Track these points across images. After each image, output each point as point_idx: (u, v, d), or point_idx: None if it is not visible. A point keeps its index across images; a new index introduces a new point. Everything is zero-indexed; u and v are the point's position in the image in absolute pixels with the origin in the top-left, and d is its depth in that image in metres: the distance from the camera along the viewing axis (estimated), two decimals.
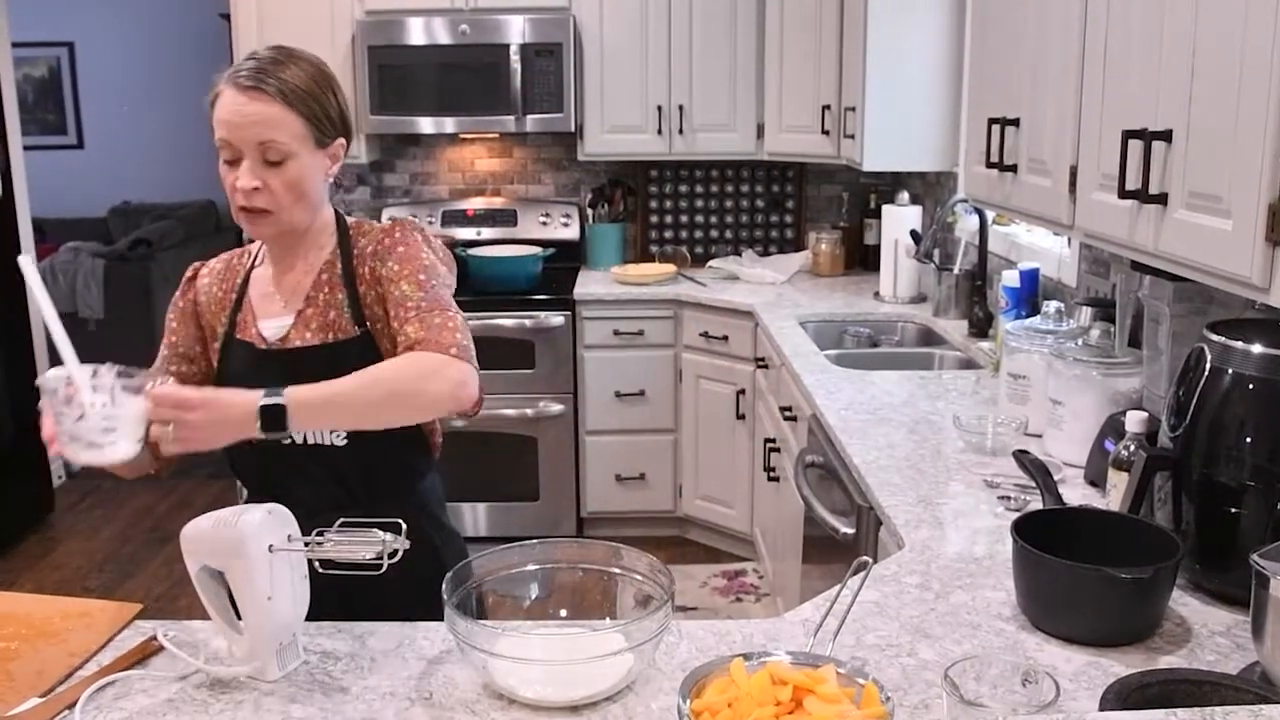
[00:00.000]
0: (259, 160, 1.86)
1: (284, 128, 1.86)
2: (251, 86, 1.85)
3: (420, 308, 1.88)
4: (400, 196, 5.56)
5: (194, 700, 1.56)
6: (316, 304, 1.97)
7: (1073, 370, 2.44)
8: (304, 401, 1.69)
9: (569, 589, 1.77)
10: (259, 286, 2.03)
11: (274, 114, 1.85)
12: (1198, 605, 1.79)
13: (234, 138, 1.85)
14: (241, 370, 1.95)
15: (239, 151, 1.86)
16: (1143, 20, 1.98)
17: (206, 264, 2.11)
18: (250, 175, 1.86)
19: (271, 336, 1.97)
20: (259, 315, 2.00)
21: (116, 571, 4.85)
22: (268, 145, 1.85)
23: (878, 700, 1.37)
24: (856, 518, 2.50)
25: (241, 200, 1.87)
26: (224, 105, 1.86)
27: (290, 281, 2.00)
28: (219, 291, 2.05)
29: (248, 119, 1.84)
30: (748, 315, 4.52)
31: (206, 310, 2.05)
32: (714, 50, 5.00)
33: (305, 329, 1.96)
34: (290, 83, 1.88)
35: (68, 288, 7.81)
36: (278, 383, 1.79)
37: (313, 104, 1.90)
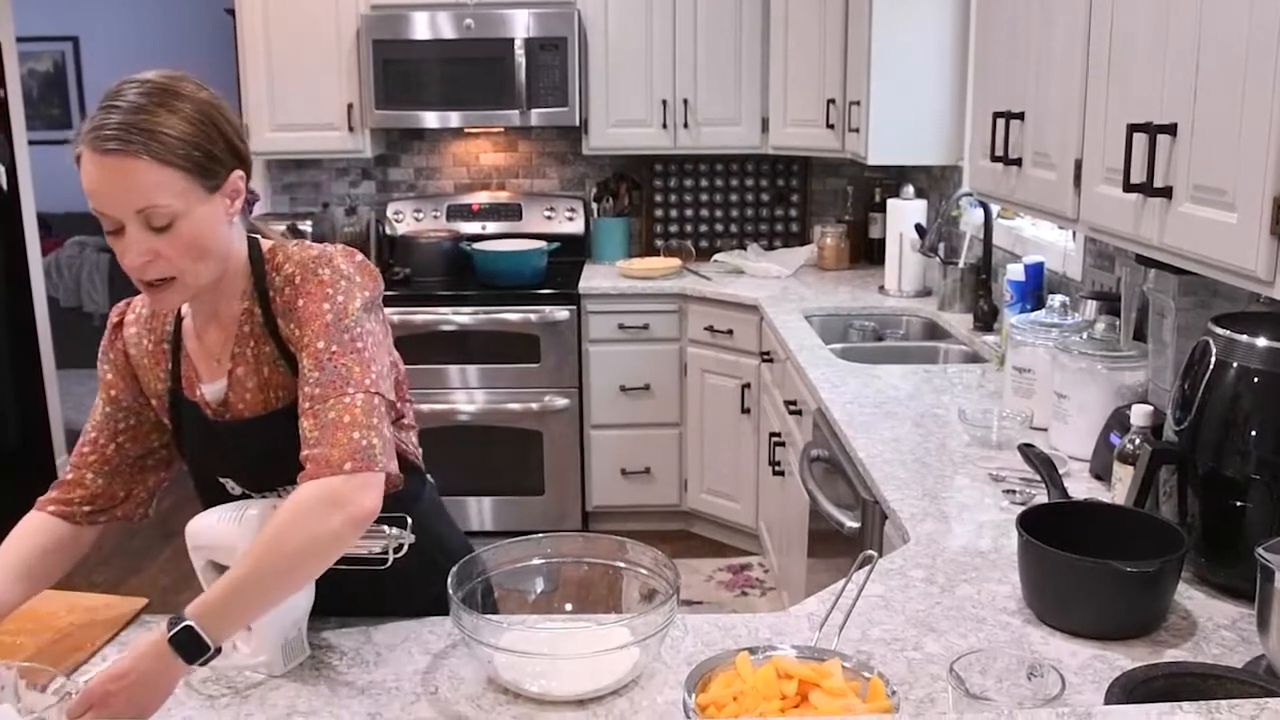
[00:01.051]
0: (143, 228, 1.56)
1: (162, 189, 1.55)
2: (116, 149, 1.53)
3: (314, 397, 1.59)
4: (405, 191, 5.56)
5: (200, 694, 1.56)
6: (245, 361, 1.72)
7: (1078, 364, 2.44)
8: (210, 611, 1.48)
9: (574, 583, 1.77)
10: (192, 342, 1.78)
11: (150, 178, 1.54)
12: (1203, 598, 1.79)
13: (106, 208, 1.55)
14: (197, 438, 1.78)
15: (118, 221, 1.56)
16: (1148, 14, 1.97)
17: (132, 307, 1.84)
18: (137, 249, 1.57)
19: (214, 400, 1.75)
20: (200, 376, 1.76)
21: (122, 566, 4.86)
22: (149, 211, 1.55)
23: (883, 694, 1.37)
24: (861, 511, 2.50)
25: (136, 275, 1.60)
26: (87, 172, 1.55)
27: (214, 339, 1.75)
28: (148, 344, 1.80)
29: (121, 188, 1.54)
30: (753, 309, 4.52)
31: (139, 365, 1.81)
32: (719, 44, 5.00)
33: (244, 391, 1.72)
34: (161, 134, 1.55)
35: (73, 282, 7.83)
36: (238, 453, 1.72)
37: (193, 152, 1.58)
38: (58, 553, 1.77)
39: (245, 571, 1.50)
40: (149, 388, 1.80)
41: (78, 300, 7.82)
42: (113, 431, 1.82)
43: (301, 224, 5.19)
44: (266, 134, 5.09)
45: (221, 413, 1.74)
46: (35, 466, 5.31)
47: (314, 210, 5.48)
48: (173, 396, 1.78)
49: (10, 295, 5.19)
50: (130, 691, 1.43)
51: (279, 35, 4.99)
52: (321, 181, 5.56)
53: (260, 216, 5.33)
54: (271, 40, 4.99)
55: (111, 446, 1.82)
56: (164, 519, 5.61)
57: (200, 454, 1.80)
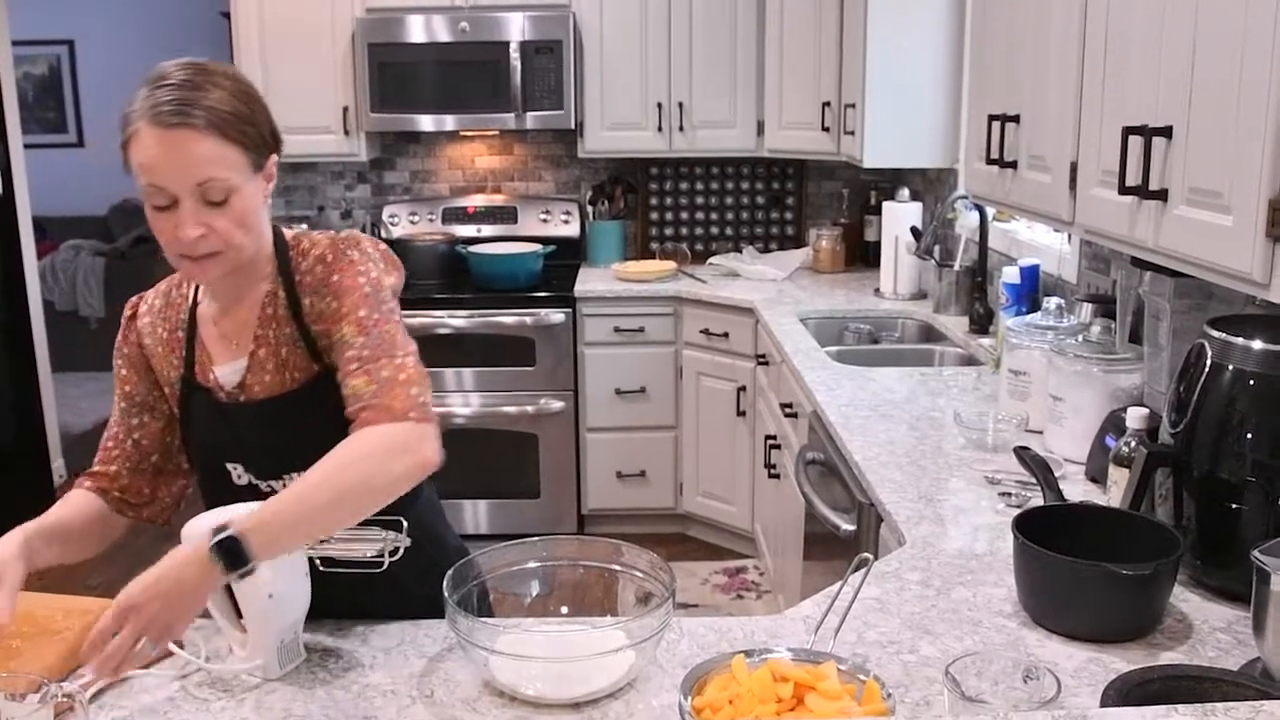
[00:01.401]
0: (199, 202, 1.61)
1: (222, 162, 1.61)
2: (178, 123, 1.57)
3: (363, 358, 1.64)
4: (401, 194, 5.56)
5: (195, 698, 1.56)
6: (267, 342, 1.75)
7: (1073, 366, 2.44)
8: (258, 527, 1.48)
9: (570, 586, 1.77)
10: (207, 326, 1.80)
11: (213, 151, 1.60)
12: (1199, 601, 1.79)
13: (166, 182, 1.59)
14: (208, 423, 1.79)
15: (173, 196, 1.60)
16: (1143, 16, 1.98)
17: (145, 299, 1.87)
18: (193, 222, 1.61)
19: (228, 383, 1.77)
20: (214, 359, 1.79)
21: (118, 569, 4.81)
22: (207, 185, 1.60)
23: (879, 697, 1.37)
24: (857, 514, 2.50)
25: (186, 249, 1.63)
26: (146, 148, 1.58)
27: (236, 319, 1.78)
28: (163, 332, 1.82)
29: (181, 162, 1.58)
30: (748, 312, 4.52)
31: (153, 354, 1.83)
32: (714, 47, 5.00)
33: (262, 372, 1.75)
34: (219, 109, 1.61)
35: (68, 286, 7.83)
36: (252, 434, 1.75)
37: (247, 128, 1.64)
38: (98, 524, 1.84)
39: (299, 494, 1.52)
40: (163, 376, 1.83)
41: (73, 304, 7.82)
42: (129, 427, 1.85)
43: (296, 227, 5.17)
44: None
45: (236, 395, 1.77)
46: (30, 470, 5.31)
47: (309, 214, 5.48)
48: (184, 384, 1.80)
49: (5, 299, 5.19)
50: (162, 599, 1.46)
51: (274, 38, 4.98)
52: (317, 185, 5.56)
53: None
54: (266, 43, 4.99)
55: (129, 442, 1.85)
56: None
57: (209, 439, 1.81)
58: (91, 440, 6.92)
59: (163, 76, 1.61)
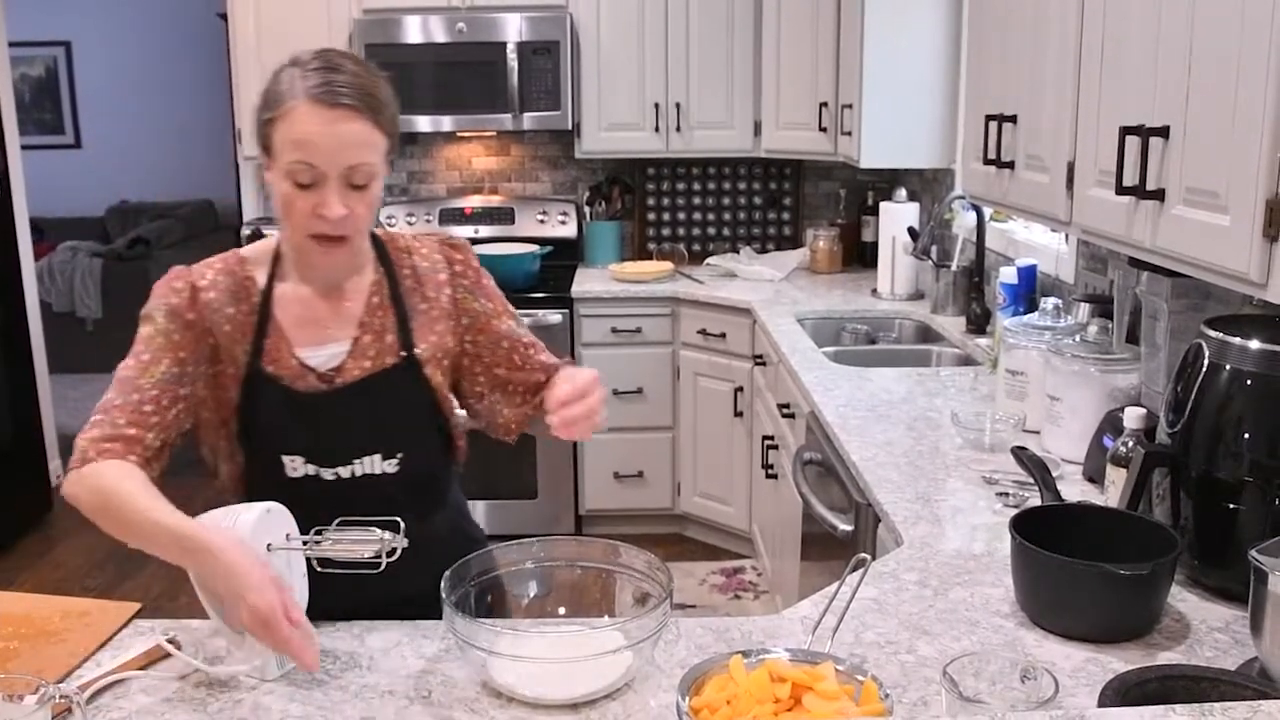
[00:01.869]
0: (344, 184, 1.67)
1: (374, 147, 1.69)
2: (346, 105, 1.65)
3: (535, 345, 1.99)
4: (398, 195, 5.55)
5: (193, 699, 1.56)
6: (372, 329, 1.83)
7: (1071, 366, 2.44)
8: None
9: (568, 587, 1.77)
10: (290, 309, 1.81)
11: (369, 136, 1.68)
12: (1196, 601, 1.79)
13: (319, 161, 1.65)
14: (274, 413, 1.80)
15: (322, 175, 1.66)
16: (1140, 16, 1.98)
17: (202, 274, 1.82)
18: (339, 203, 1.67)
19: (322, 366, 1.80)
20: (296, 343, 1.80)
21: (115, 570, 4.85)
22: (357, 168, 1.67)
23: (876, 697, 1.37)
24: (855, 515, 2.50)
25: (324, 229, 1.69)
26: (304, 125, 1.64)
27: (337, 305, 1.83)
28: (233, 311, 1.79)
29: (338, 140, 1.64)
30: (745, 312, 4.52)
31: (220, 331, 1.79)
32: (711, 47, 5.00)
33: (363, 357, 1.82)
34: (375, 96, 1.70)
35: (65, 287, 7.82)
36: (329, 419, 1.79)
37: (395, 121, 1.75)
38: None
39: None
40: (225, 354, 1.79)
41: (70, 305, 7.81)
42: (174, 396, 1.76)
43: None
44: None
45: (330, 377, 1.81)
46: (27, 471, 5.30)
47: None
48: (250, 369, 1.79)
49: (2, 300, 5.18)
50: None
51: (271, 39, 4.98)
52: None
53: (253, 220, 5.33)
54: (263, 45, 4.98)
55: (172, 412, 1.76)
56: None
57: (272, 429, 1.80)
58: None
59: (325, 58, 1.68)
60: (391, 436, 1.83)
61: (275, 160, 1.69)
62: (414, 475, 1.89)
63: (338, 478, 1.82)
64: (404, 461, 1.86)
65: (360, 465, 1.82)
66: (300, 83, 1.65)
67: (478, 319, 1.92)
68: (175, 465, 1.83)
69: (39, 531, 5.27)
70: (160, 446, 1.75)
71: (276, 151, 1.68)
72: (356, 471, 1.83)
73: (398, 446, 1.85)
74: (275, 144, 1.67)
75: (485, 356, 1.95)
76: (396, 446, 1.85)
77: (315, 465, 1.81)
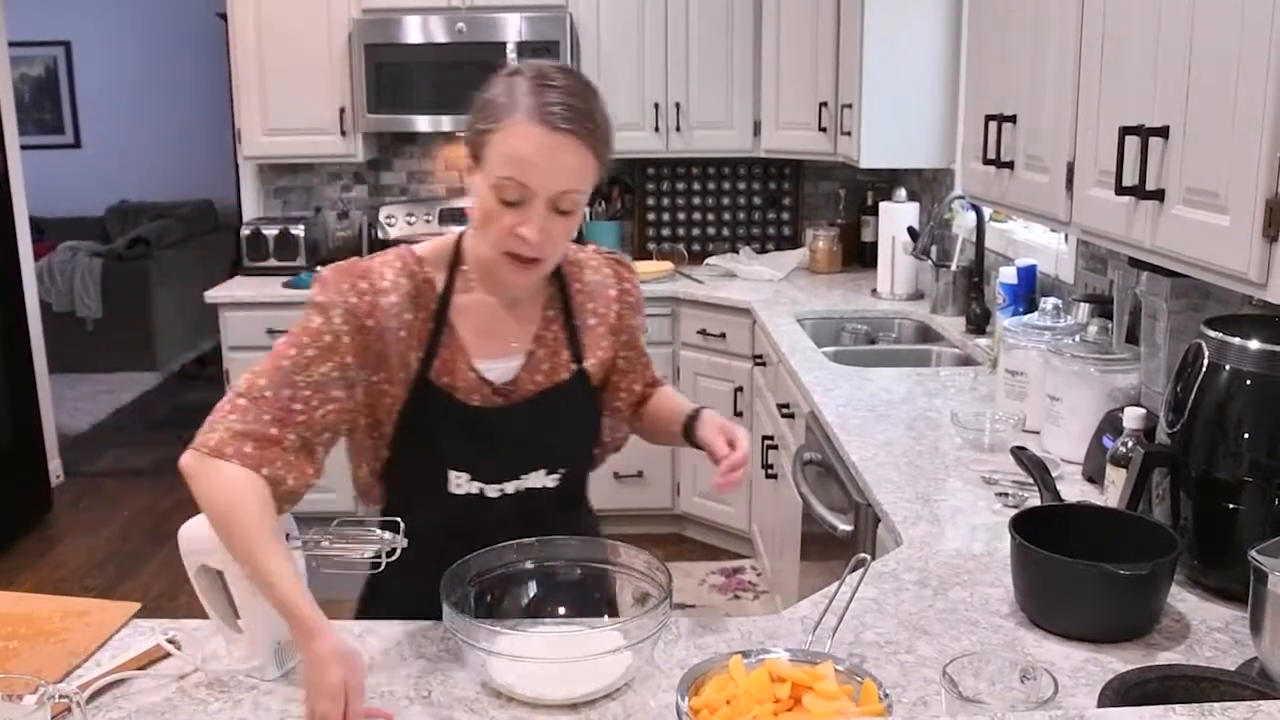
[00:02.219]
0: (550, 208, 1.62)
1: (588, 177, 1.65)
2: (569, 131, 1.60)
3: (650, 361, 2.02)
4: (397, 195, 5.55)
5: (193, 699, 1.56)
6: (546, 343, 1.82)
7: (1070, 366, 2.44)
8: None
9: (567, 587, 1.77)
10: (470, 319, 1.77)
11: (585, 163, 1.63)
12: (1196, 601, 1.79)
13: (533, 181, 1.60)
14: (441, 425, 1.76)
15: (531, 195, 1.61)
16: (1140, 16, 1.98)
17: (382, 275, 1.72)
18: (538, 226, 1.62)
19: (498, 379, 1.77)
20: (474, 354, 1.76)
21: (115, 570, 4.85)
22: (566, 194, 1.62)
23: (876, 697, 1.37)
24: (854, 515, 2.50)
25: (520, 249, 1.64)
26: (527, 144, 1.59)
27: (517, 318, 1.80)
28: (410, 317, 1.72)
29: (557, 167, 1.60)
30: (745, 312, 4.52)
31: (394, 338, 1.71)
32: (711, 47, 5.00)
33: (536, 371, 1.80)
34: (601, 126, 1.65)
35: (65, 287, 7.82)
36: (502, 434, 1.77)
37: (610, 141, 1.68)
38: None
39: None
40: (396, 361, 1.72)
41: (70, 305, 7.81)
42: (325, 398, 1.67)
43: (294, 228, 5.19)
44: (259, 138, 5.09)
45: (507, 391, 1.78)
46: (27, 471, 5.30)
47: (306, 214, 5.47)
48: (419, 379, 1.73)
49: (2, 300, 5.18)
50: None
51: (271, 39, 4.98)
52: (314, 186, 5.55)
53: (253, 220, 5.33)
54: (263, 44, 4.99)
55: (320, 412, 1.66)
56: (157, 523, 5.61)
57: (440, 443, 1.76)
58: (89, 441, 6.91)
59: (547, 77, 1.63)
60: (558, 452, 1.84)
61: (484, 170, 1.63)
62: (568, 488, 1.89)
63: (501, 494, 1.81)
64: (564, 476, 1.86)
65: (523, 481, 1.81)
66: (525, 98, 1.61)
67: (633, 336, 1.94)
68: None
69: (39, 531, 5.27)
70: (301, 446, 1.65)
71: (488, 163, 1.62)
72: (519, 487, 1.81)
73: (561, 462, 1.85)
74: (488, 154, 1.62)
75: (630, 373, 1.97)
76: (560, 462, 1.84)
77: (480, 482, 1.79)
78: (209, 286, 5.04)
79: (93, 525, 5.34)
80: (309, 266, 5.17)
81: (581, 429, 1.89)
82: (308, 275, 4.99)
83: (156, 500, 5.52)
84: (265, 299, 4.86)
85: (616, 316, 1.90)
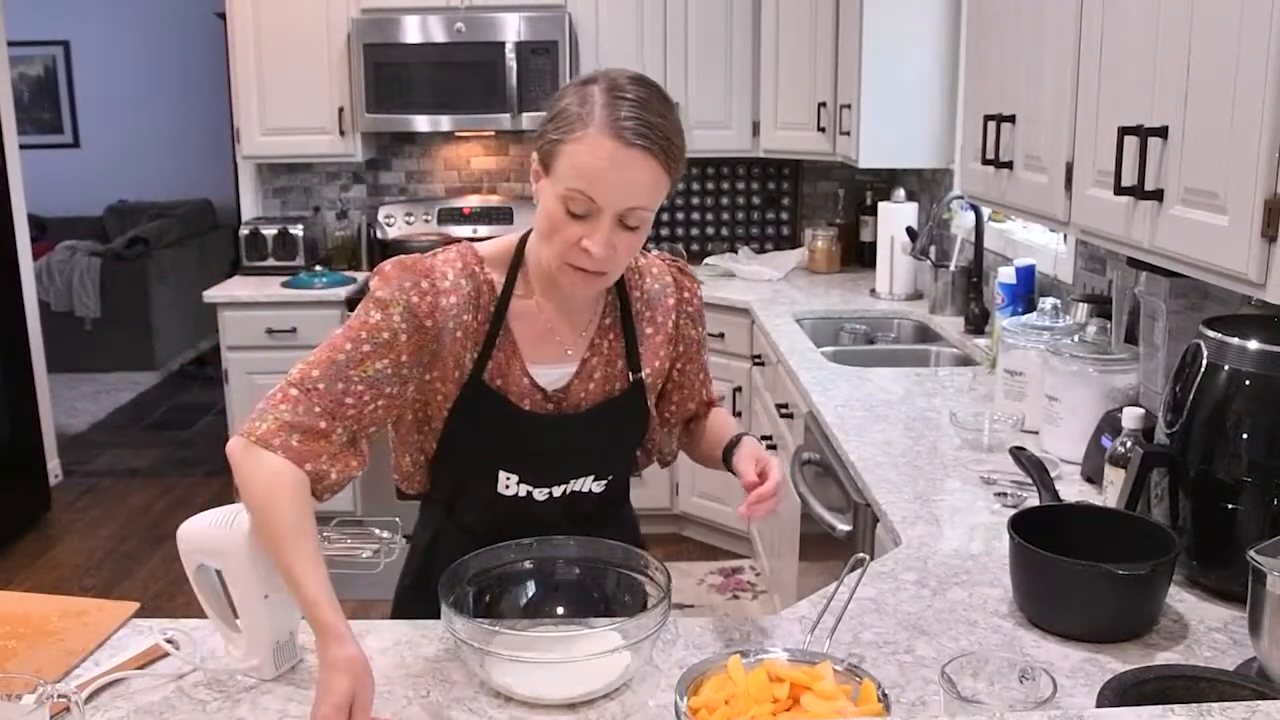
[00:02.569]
0: (616, 223, 1.60)
1: (658, 194, 1.62)
2: (642, 147, 1.56)
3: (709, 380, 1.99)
4: (396, 195, 5.55)
5: (191, 699, 1.56)
6: (601, 352, 1.80)
7: (1069, 366, 2.44)
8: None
9: (566, 587, 1.77)
10: (527, 323, 1.75)
11: (656, 179, 1.59)
12: (1195, 601, 1.79)
13: (600, 196, 1.57)
14: (495, 427, 1.74)
15: (597, 210, 1.58)
16: (1139, 16, 1.98)
17: (444, 274, 1.71)
18: (605, 240, 1.59)
19: (550, 385, 1.76)
20: (529, 359, 1.75)
21: (114, 570, 4.85)
22: (635, 211, 1.60)
23: (874, 697, 1.37)
24: (853, 515, 2.50)
25: (584, 262, 1.61)
26: (598, 157, 1.56)
27: (574, 326, 1.78)
28: (468, 318, 1.71)
29: (627, 183, 1.57)
30: (744, 312, 4.52)
31: (451, 337, 1.70)
32: (709, 47, 5.00)
33: (588, 380, 1.79)
34: (675, 142, 1.60)
35: (64, 287, 7.82)
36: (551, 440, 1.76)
37: (684, 157, 1.65)
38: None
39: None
40: (451, 360, 1.71)
41: (69, 305, 7.81)
42: (377, 393, 1.66)
43: (293, 228, 5.19)
44: (257, 138, 5.09)
45: (559, 398, 1.78)
46: (26, 471, 5.30)
47: (305, 214, 5.47)
48: (472, 380, 1.72)
49: (1, 300, 5.18)
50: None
51: (270, 39, 4.98)
52: (312, 185, 5.55)
53: (252, 220, 5.33)
54: (262, 44, 4.99)
55: (371, 407, 1.66)
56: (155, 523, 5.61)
57: (489, 444, 1.76)
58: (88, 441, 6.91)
59: (622, 89, 1.59)
60: (609, 462, 1.85)
61: (552, 179, 1.61)
62: (614, 491, 1.92)
63: (548, 497, 1.81)
64: (611, 482, 1.88)
65: (572, 485, 1.82)
66: (600, 110, 1.57)
67: (690, 348, 1.92)
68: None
69: (37, 531, 5.27)
70: (349, 440, 1.65)
71: (557, 173, 1.60)
72: (566, 490, 1.82)
73: (610, 469, 1.87)
74: (558, 164, 1.59)
75: (685, 386, 1.96)
76: (609, 469, 1.86)
77: (529, 485, 1.80)
78: (207, 286, 5.04)
79: (91, 525, 5.34)
80: (308, 266, 5.17)
81: (633, 439, 1.89)
82: (306, 275, 4.99)
83: (155, 500, 5.52)
84: (264, 298, 4.85)
85: (674, 326, 1.88)
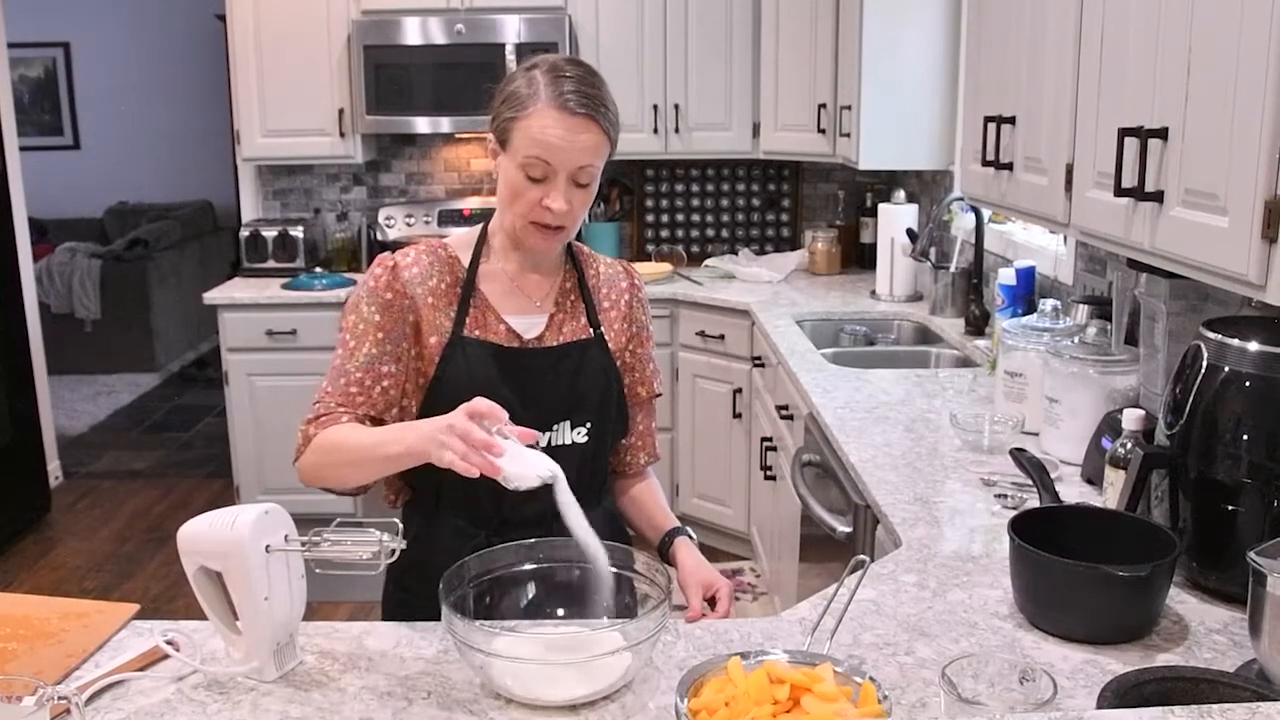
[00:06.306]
0: (570, 182, 1.86)
1: (601, 154, 1.88)
2: (584, 114, 1.83)
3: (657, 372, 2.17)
4: (396, 196, 5.55)
5: (192, 700, 1.56)
6: (565, 309, 2.02)
7: (1069, 368, 2.44)
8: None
9: (567, 587, 1.77)
10: (496, 283, 1.99)
11: (598, 142, 1.86)
12: (1195, 603, 1.79)
13: (554, 160, 1.84)
14: (477, 370, 1.92)
15: (553, 172, 1.85)
16: (1139, 18, 1.98)
17: (405, 254, 1.98)
18: (562, 197, 1.86)
19: (526, 333, 1.97)
20: (504, 311, 1.97)
21: (114, 572, 4.85)
22: (584, 169, 1.86)
23: (875, 699, 1.37)
24: (853, 516, 2.50)
25: (547, 219, 1.88)
26: (547, 127, 1.82)
27: (536, 284, 2.01)
28: (435, 282, 1.95)
29: (575, 146, 1.84)
30: (744, 314, 4.52)
31: (422, 302, 1.94)
32: (710, 49, 5.01)
33: (559, 331, 2.00)
34: (611, 110, 1.89)
35: (64, 288, 7.82)
36: (526, 380, 1.93)
37: (618, 123, 1.92)
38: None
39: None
40: (428, 324, 1.93)
41: (69, 306, 7.81)
42: (377, 375, 1.91)
43: (293, 230, 5.19)
44: (258, 140, 5.09)
45: (534, 345, 1.98)
46: (26, 473, 5.30)
47: (305, 216, 5.48)
48: (452, 336, 1.93)
49: (1, 302, 5.18)
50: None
51: (270, 41, 4.98)
52: (313, 187, 5.55)
53: (252, 222, 5.33)
54: (262, 46, 4.99)
55: (377, 389, 1.90)
56: (155, 524, 5.61)
57: (479, 381, 1.89)
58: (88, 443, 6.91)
59: (561, 69, 1.86)
60: (583, 402, 1.98)
61: (510, 153, 1.87)
62: (597, 451, 2.03)
63: (534, 445, 1.82)
64: (591, 432, 2.00)
65: (555, 434, 1.96)
66: (545, 89, 1.84)
67: (640, 332, 2.11)
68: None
69: (38, 533, 5.27)
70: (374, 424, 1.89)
71: (514, 146, 1.86)
72: (552, 441, 1.95)
73: (586, 415, 1.99)
74: (514, 138, 1.85)
75: (636, 369, 2.12)
76: (585, 415, 1.99)
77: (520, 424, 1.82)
78: (208, 288, 5.04)
79: (92, 527, 5.34)
80: (308, 268, 5.17)
81: (603, 386, 2.02)
82: (307, 277, 5.00)
83: (155, 501, 5.52)
84: (264, 300, 4.86)
85: (628, 306, 2.09)
